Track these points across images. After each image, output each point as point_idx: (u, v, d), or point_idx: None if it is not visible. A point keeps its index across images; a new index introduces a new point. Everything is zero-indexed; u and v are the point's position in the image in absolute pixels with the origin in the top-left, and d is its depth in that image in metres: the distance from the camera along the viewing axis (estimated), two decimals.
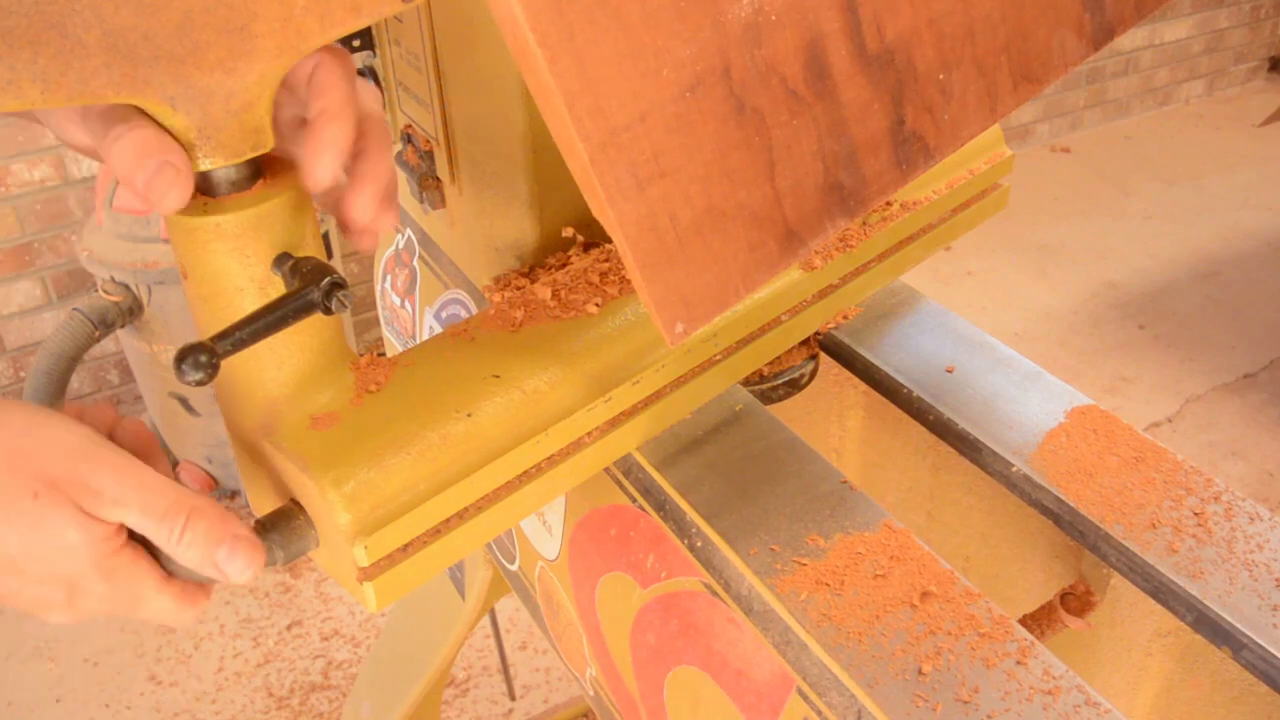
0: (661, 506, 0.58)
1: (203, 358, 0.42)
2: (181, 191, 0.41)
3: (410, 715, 1.17)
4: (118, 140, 0.41)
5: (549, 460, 0.55)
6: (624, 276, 0.61)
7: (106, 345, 2.24)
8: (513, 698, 1.76)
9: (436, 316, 0.79)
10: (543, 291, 0.60)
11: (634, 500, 0.60)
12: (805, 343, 0.70)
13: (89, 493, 0.42)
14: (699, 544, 0.55)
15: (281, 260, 0.45)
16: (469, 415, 0.52)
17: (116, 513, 0.42)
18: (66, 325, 1.97)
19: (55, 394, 2.06)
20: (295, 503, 0.50)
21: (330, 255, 2.09)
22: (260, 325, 0.44)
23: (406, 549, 0.50)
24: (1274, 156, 3.43)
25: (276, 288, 0.46)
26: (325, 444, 0.49)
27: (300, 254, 0.46)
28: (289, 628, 1.91)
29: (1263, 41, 3.91)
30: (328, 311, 0.43)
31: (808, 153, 0.45)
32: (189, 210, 0.44)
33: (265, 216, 0.44)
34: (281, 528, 0.49)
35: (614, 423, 0.58)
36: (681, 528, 0.57)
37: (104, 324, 1.88)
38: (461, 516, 0.52)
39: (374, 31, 0.72)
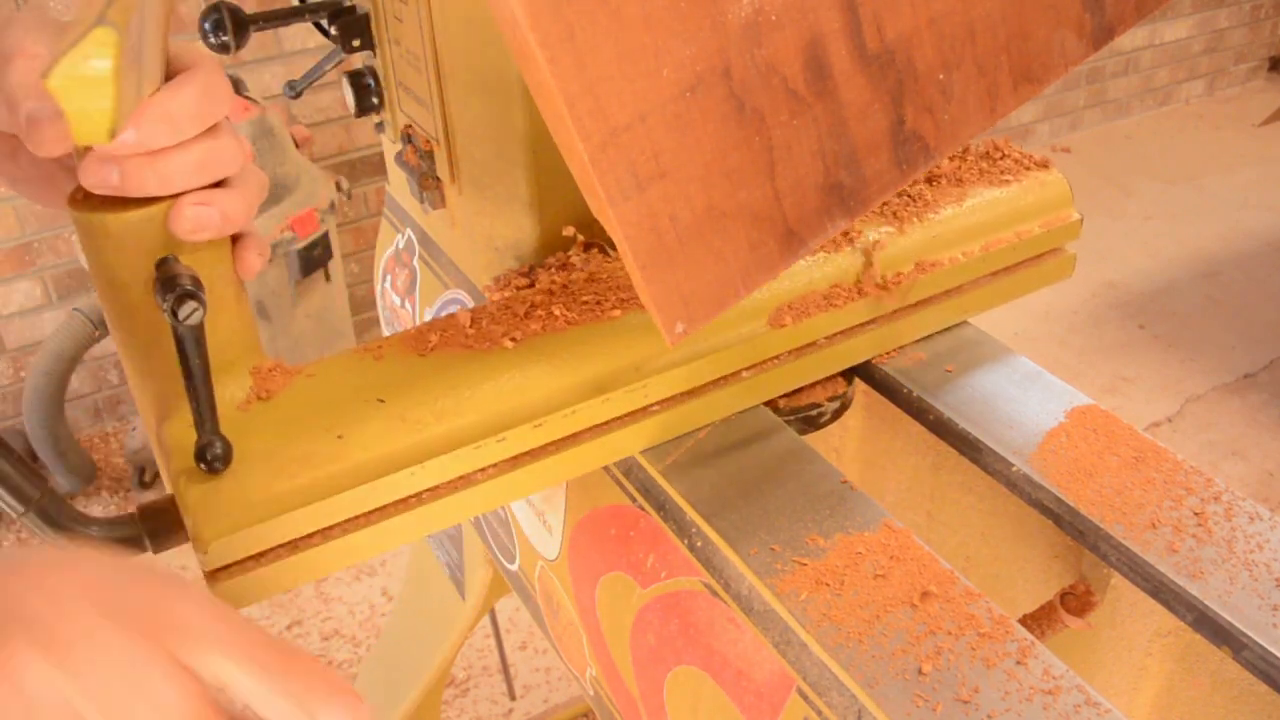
0: (661, 506, 0.58)
1: (218, 449, 0.47)
2: (65, 143, 0.40)
3: (410, 715, 1.18)
4: (16, 64, 0.39)
5: (431, 491, 0.53)
6: (549, 311, 0.59)
7: (106, 345, 2.24)
8: (513, 698, 1.76)
9: (436, 316, 0.79)
10: (463, 317, 0.58)
11: (634, 500, 0.60)
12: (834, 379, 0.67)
13: (179, 633, 0.33)
14: (699, 544, 0.55)
15: (161, 264, 0.46)
16: (339, 437, 0.51)
17: (210, 660, 0.34)
18: (66, 325, 1.97)
19: (55, 394, 2.06)
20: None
21: (330, 255, 2.09)
22: (197, 381, 0.46)
23: (260, 558, 0.49)
24: (1274, 156, 3.43)
25: None
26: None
27: (188, 259, 0.46)
28: (289, 628, 1.91)
29: (1263, 41, 3.91)
30: (176, 320, 0.43)
31: (808, 152, 0.45)
32: (83, 206, 0.45)
33: (148, 220, 0.45)
34: (154, 518, 0.50)
35: (515, 462, 0.55)
36: (681, 528, 0.57)
37: (104, 324, 1.89)
38: (325, 535, 0.51)
39: (374, 31, 0.72)
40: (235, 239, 0.50)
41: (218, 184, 0.46)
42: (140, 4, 0.39)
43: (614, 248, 0.67)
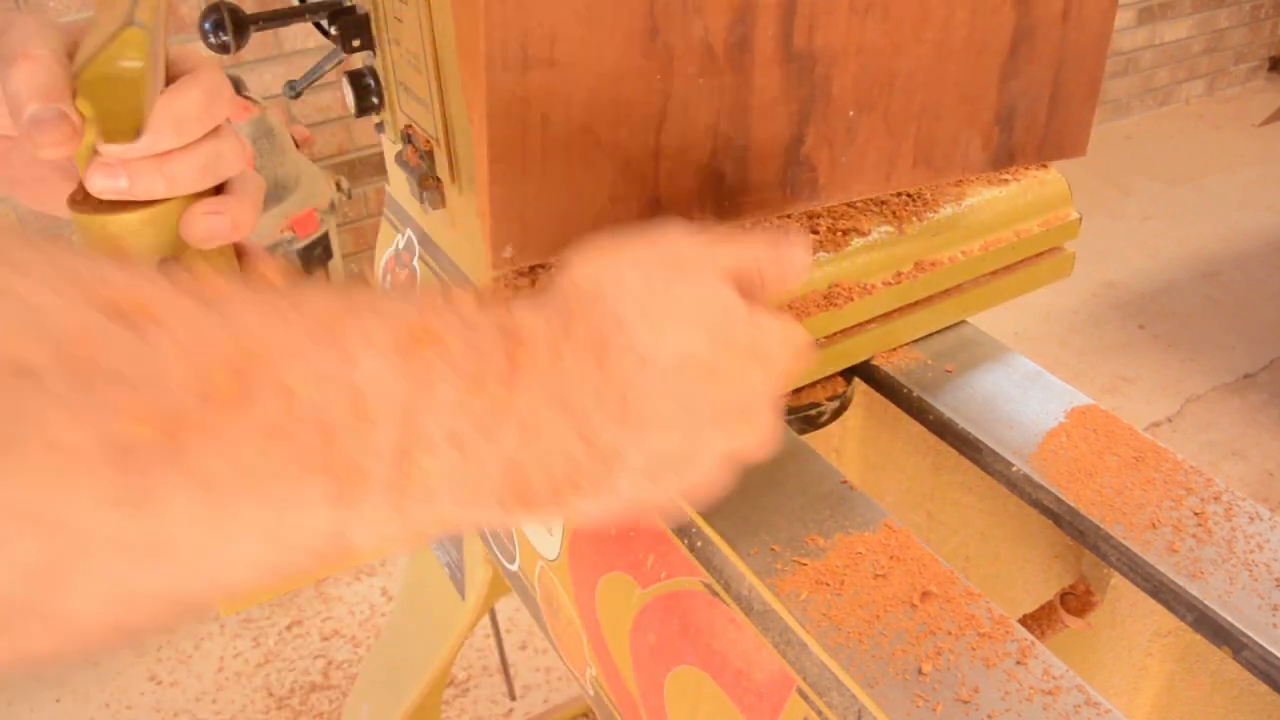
0: None
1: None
2: (69, 145, 0.40)
3: (410, 715, 1.18)
4: (20, 66, 0.39)
5: None
6: None
7: None
8: (513, 698, 1.76)
9: None
10: None
11: None
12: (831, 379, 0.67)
13: (702, 263, 0.40)
14: (699, 544, 0.55)
15: (162, 266, 0.46)
16: None
17: (725, 263, 0.40)
18: None
19: None
20: None
21: (330, 256, 2.09)
22: None
23: None
24: (1274, 156, 3.43)
25: None
26: None
27: (189, 261, 0.46)
28: (289, 628, 1.91)
29: (1263, 41, 3.91)
30: None
31: (702, 123, 0.43)
32: (83, 207, 0.45)
33: (148, 221, 0.45)
34: None
35: None
36: (681, 527, 0.57)
37: None
38: None
39: (374, 31, 0.72)
40: (236, 249, 0.50)
41: (219, 187, 0.46)
42: (164, 5, 0.39)
43: None
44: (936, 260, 0.66)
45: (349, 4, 0.73)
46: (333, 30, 0.72)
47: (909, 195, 0.69)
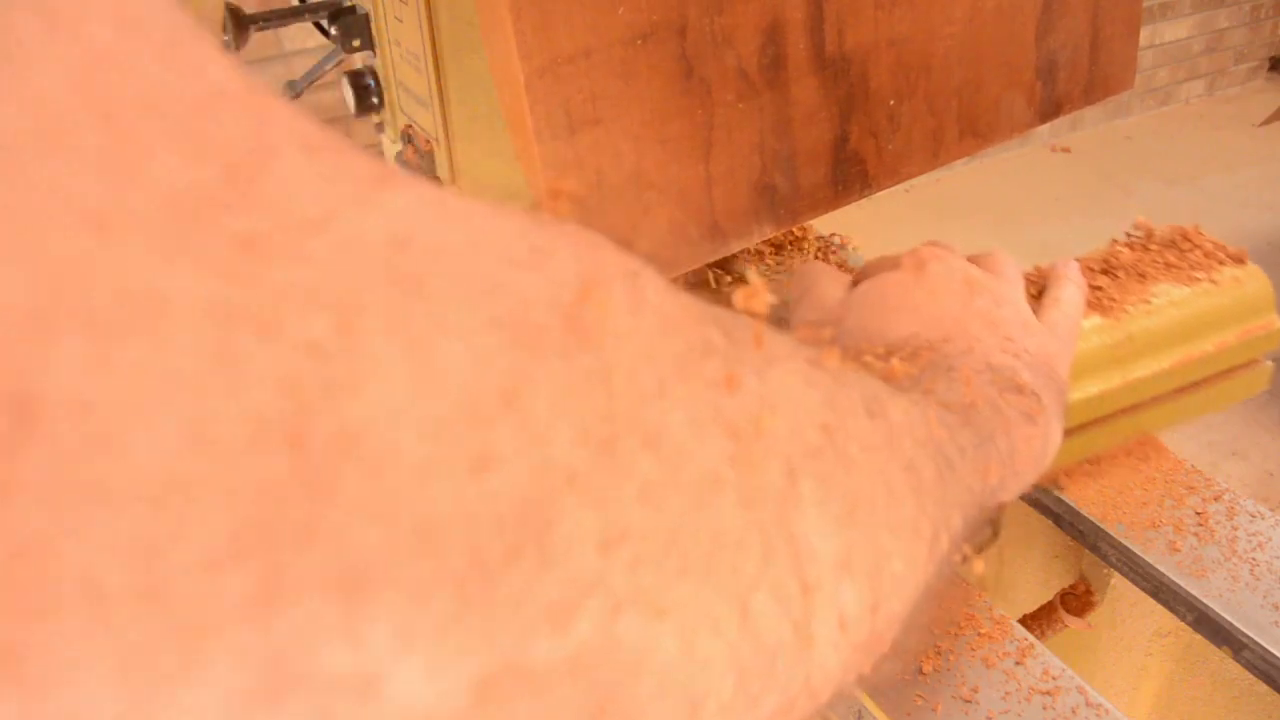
0: None
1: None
2: None
3: None
4: None
5: None
6: None
7: None
8: None
9: None
10: None
11: None
12: None
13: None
14: None
15: None
16: None
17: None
18: None
19: None
20: None
21: None
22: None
23: None
24: (1274, 156, 3.43)
25: None
26: None
27: None
28: None
29: (1263, 41, 3.91)
30: None
31: (747, 143, 0.44)
32: None
33: None
34: None
35: None
36: None
37: None
38: None
39: (374, 31, 0.72)
40: None
41: None
42: None
43: None
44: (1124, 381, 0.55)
45: (349, 4, 0.73)
46: (333, 30, 0.73)
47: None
